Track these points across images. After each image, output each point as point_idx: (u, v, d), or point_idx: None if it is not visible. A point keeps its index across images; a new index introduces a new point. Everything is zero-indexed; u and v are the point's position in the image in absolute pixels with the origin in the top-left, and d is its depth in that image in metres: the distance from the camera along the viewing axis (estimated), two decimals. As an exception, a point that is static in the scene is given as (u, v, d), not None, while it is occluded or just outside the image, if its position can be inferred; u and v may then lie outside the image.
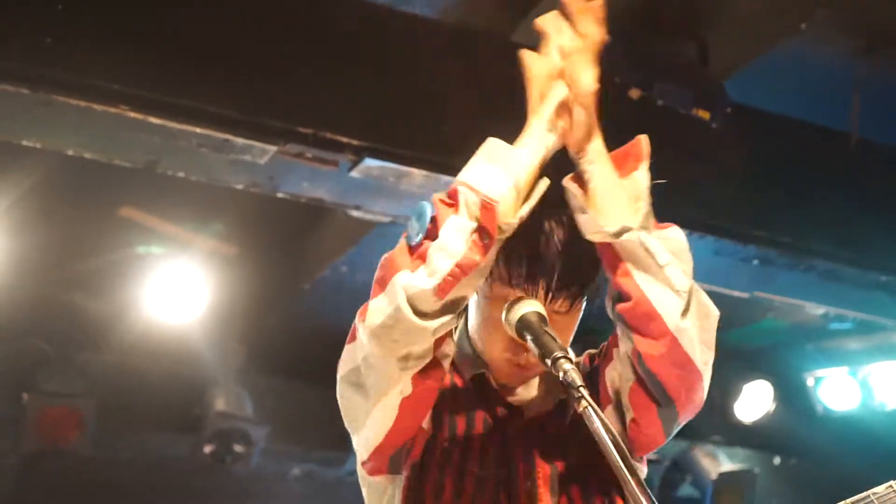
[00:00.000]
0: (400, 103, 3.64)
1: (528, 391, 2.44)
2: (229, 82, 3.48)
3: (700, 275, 4.67)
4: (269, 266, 5.78)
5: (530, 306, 2.32)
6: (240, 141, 3.33)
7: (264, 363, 6.12)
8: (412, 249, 2.14)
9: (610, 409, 2.31)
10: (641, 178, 2.19)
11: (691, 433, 7.18)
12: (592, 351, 2.45)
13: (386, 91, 3.64)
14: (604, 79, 2.17)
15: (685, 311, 2.16)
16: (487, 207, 2.07)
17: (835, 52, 4.26)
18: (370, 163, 3.48)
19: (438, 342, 2.18)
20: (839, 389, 6.94)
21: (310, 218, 5.44)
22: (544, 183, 2.15)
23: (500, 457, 2.34)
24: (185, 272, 5.49)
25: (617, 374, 2.28)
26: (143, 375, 5.98)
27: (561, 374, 2.12)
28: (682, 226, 4.14)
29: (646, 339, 2.16)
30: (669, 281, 2.14)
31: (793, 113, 4.42)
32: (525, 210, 2.12)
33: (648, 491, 2.02)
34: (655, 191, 2.21)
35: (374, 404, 2.24)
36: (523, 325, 2.29)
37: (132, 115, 3.26)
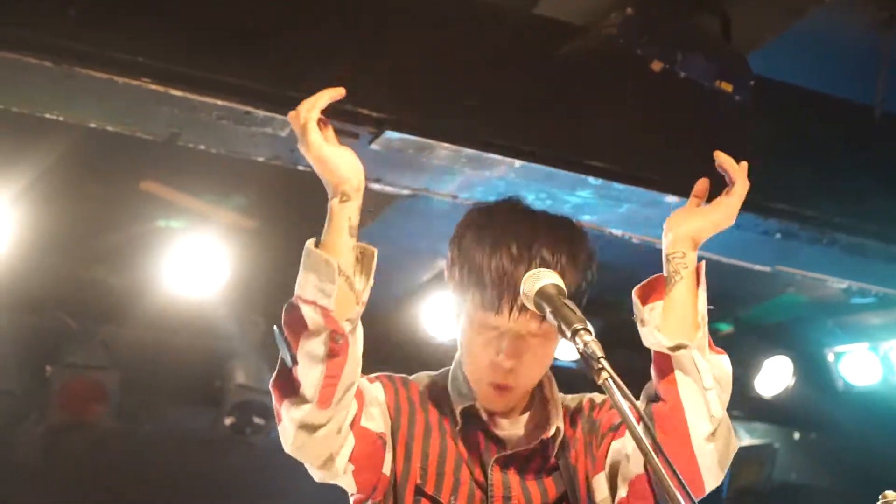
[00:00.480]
0: (422, 76, 3.63)
1: (516, 427, 2.55)
2: (250, 55, 3.48)
3: (721, 248, 4.69)
4: (289, 239, 5.76)
5: (549, 278, 2.32)
6: (261, 113, 3.33)
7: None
8: (286, 375, 2.31)
9: (602, 476, 2.46)
10: (703, 300, 2.40)
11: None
12: (596, 399, 2.57)
13: (408, 64, 3.63)
14: (626, 52, 2.19)
15: (711, 436, 2.33)
16: (327, 316, 2.22)
17: (859, 25, 4.22)
18: (391, 135, 3.47)
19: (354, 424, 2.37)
20: (860, 365, 6.92)
21: (330, 191, 5.44)
22: (374, 253, 2.33)
23: (476, 489, 2.47)
24: (206, 246, 5.51)
25: (625, 455, 2.40)
26: (164, 349, 6.02)
27: (581, 346, 2.14)
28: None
29: (666, 443, 2.22)
30: (708, 404, 2.32)
31: (816, 86, 4.39)
32: (366, 294, 2.31)
33: (671, 464, 2.02)
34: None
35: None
36: (542, 297, 2.30)
37: (153, 87, 3.26)
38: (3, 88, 3.47)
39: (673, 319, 2.39)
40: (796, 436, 7.63)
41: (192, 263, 5.51)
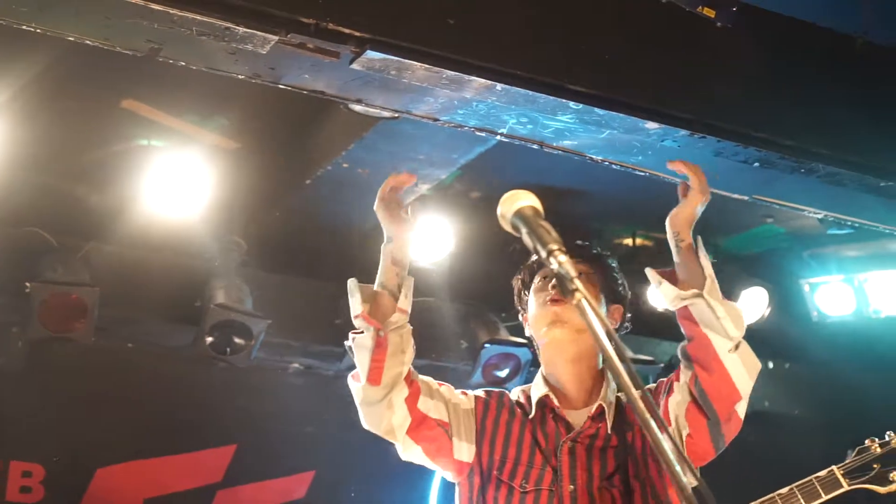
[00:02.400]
0: (404, -4, 3.60)
1: (582, 414, 3.26)
2: (232, -30, 3.44)
3: (700, 175, 4.60)
4: (270, 161, 5.79)
5: (526, 200, 2.35)
6: (241, 30, 3.29)
7: (264, 258, 6.16)
8: (355, 371, 3.27)
9: (671, 430, 3.10)
10: (707, 264, 3.26)
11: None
12: (663, 380, 3.28)
13: (390, -17, 3.60)
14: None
15: (734, 349, 3.10)
16: (367, 319, 3.19)
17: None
18: (372, 55, 3.45)
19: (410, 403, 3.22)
20: (834, 296, 7.00)
21: (312, 113, 5.43)
22: (411, 280, 3.29)
23: (548, 471, 3.17)
24: (188, 166, 5.49)
25: (676, 402, 3.13)
26: (145, 267, 6.04)
27: (555, 265, 2.17)
28: (683, 126, 4.14)
29: (701, 365, 3.10)
30: (724, 329, 3.11)
31: (800, 14, 4.37)
32: (404, 305, 3.24)
33: (640, 381, 2.07)
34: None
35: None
36: (519, 218, 2.33)
37: (132, 0, 3.22)
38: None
39: (684, 278, 3.23)
40: (770, 365, 7.72)
41: (174, 183, 5.50)
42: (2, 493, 5.79)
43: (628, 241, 6.95)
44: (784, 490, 3.17)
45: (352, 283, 3.25)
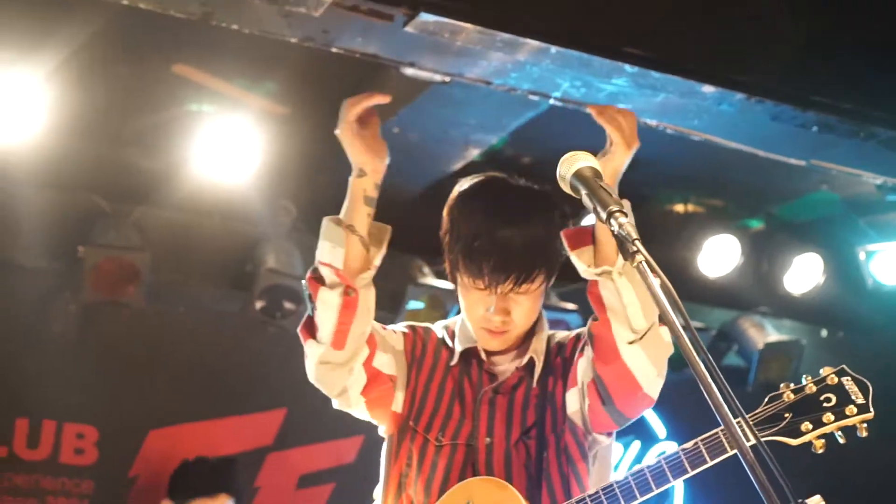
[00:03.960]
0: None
1: (507, 363, 3.00)
2: (284, -68, 3.42)
3: (757, 141, 4.62)
4: (321, 125, 5.76)
5: (585, 161, 2.33)
6: (294, -8, 3.28)
7: (315, 222, 6.14)
8: (310, 320, 2.87)
9: (575, 390, 2.91)
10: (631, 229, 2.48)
11: (739, 303, 7.19)
12: (581, 331, 2.98)
13: (443, -56, 3.56)
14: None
15: (637, 340, 2.75)
16: (339, 274, 2.79)
17: None
18: (425, 17, 3.42)
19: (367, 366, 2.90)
20: (890, 263, 6.89)
21: (363, 77, 5.40)
22: (388, 230, 2.92)
23: (466, 423, 2.92)
24: (238, 130, 5.50)
25: (583, 370, 2.88)
26: (195, 231, 6.07)
27: (616, 227, 2.15)
28: (740, 89, 4.07)
29: (599, 354, 2.80)
30: (628, 319, 2.73)
31: (860, -24, 4.28)
32: (377, 260, 2.86)
33: (701, 344, 2.03)
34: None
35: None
36: (578, 179, 2.31)
37: (186, -37, 3.22)
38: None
39: (601, 247, 2.76)
40: (824, 333, 7.65)
41: (224, 148, 5.52)
42: (56, 455, 5.87)
43: (680, 208, 6.88)
44: (688, 444, 2.79)
45: (327, 222, 2.86)
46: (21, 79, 4.96)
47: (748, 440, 2.07)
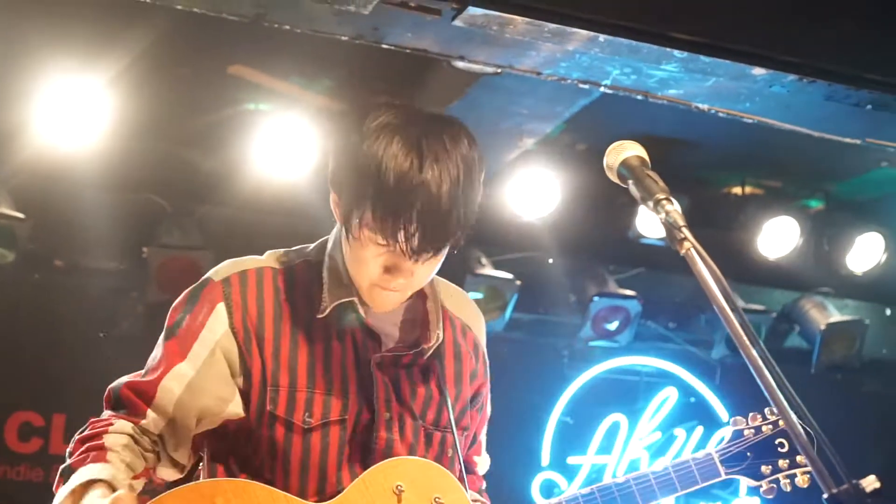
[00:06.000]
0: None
1: (391, 320, 2.59)
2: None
3: (811, 121, 4.58)
4: (375, 120, 5.82)
5: (632, 150, 2.34)
6: (343, -10, 3.34)
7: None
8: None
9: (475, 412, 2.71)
10: None
11: (800, 284, 7.13)
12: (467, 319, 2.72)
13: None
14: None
15: None
16: None
17: None
18: (473, 11, 3.46)
19: None
20: (955, 240, 6.80)
21: (416, 71, 5.45)
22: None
23: (354, 385, 2.49)
24: (294, 128, 5.57)
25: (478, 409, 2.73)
26: (257, 229, 6.14)
27: (663, 216, 2.16)
28: (792, 70, 4.03)
29: None
30: None
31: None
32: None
33: (752, 330, 2.04)
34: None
35: None
36: (625, 168, 2.31)
37: (237, -34, 3.29)
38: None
39: None
40: (888, 312, 7.56)
41: (282, 145, 5.59)
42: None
43: (737, 190, 6.85)
44: (658, 467, 2.74)
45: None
46: (84, 85, 5.09)
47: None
